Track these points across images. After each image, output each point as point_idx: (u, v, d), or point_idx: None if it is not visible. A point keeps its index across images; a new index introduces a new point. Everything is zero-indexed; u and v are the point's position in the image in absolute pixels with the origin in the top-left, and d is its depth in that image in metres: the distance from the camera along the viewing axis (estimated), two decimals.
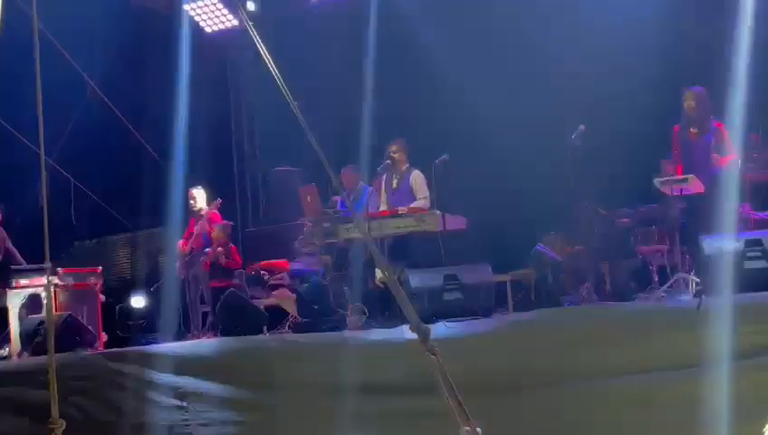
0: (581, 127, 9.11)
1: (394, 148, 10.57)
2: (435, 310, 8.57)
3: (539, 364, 7.76)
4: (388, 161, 10.52)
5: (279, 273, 13.33)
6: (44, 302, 10.87)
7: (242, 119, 17.34)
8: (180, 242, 12.34)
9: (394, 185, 10.59)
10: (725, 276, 7.84)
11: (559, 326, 7.88)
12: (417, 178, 10.45)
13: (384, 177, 10.67)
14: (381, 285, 9.97)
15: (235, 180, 17.28)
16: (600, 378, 7.56)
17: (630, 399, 7.40)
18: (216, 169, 16.16)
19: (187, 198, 12.74)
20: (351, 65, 15.11)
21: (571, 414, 7.54)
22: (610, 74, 12.12)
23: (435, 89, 13.82)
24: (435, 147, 10.70)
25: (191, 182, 14.31)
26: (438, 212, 9.70)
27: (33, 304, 11.03)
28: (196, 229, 12.01)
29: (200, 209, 12.22)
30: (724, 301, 7.52)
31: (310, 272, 12.03)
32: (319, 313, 9.34)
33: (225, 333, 9.66)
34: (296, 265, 13.10)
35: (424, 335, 4.37)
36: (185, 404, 8.72)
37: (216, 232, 11.99)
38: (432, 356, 4.33)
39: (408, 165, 10.58)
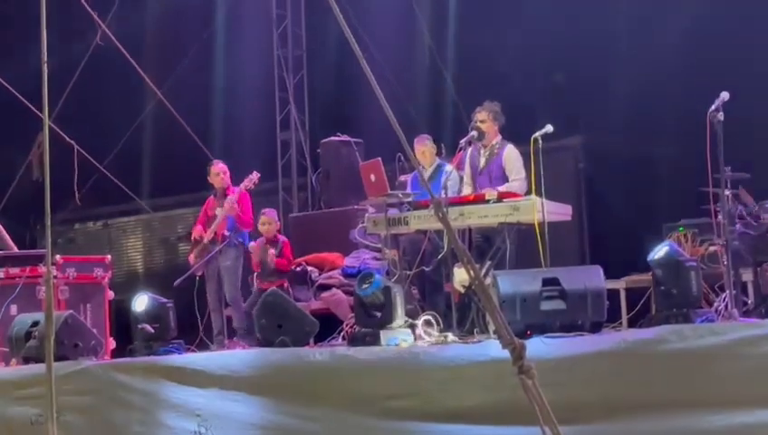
0: (724, 94, 8.97)
1: (482, 116, 10.52)
2: (530, 322, 8.52)
3: (656, 395, 7.73)
4: (474, 133, 10.47)
5: (330, 270, 13.40)
6: (41, 297, 11.03)
7: (288, 78, 17.40)
8: (196, 228, 12.33)
9: (482, 163, 10.55)
10: None
11: (686, 349, 7.81)
12: (511, 154, 10.40)
13: (469, 152, 10.63)
14: (461, 290, 9.97)
15: (278, 153, 17.38)
16: (734, 412, 7.52)
17: None
18: (255, 138, 16.29)
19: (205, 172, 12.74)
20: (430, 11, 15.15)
21: None
22: (761, 27, 12.01)
23: (534, 41, 13.78)
24: (535, 116, 10.66)
25: (220, 154, 14.43)
26: (537, 198, 9.64)
27: (25, 299, 11.20)
28: (218, 213, 12.00)
29: (224, 188, 12.18)
30: None
31: (370, 270, 12.04)
32: (381, 321, 9.34)
33: (264, 342, 9.71)
34: (352, 261, 13.16)
35: (517, 353, 4.35)
36: (202, 430, 8.83)
37: (265, 225, 12.03)
38: (527, 380, 4.30)
39: (500, 138, 10.52)
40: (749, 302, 10.30)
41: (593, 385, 7.83)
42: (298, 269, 13.20)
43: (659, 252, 9.08)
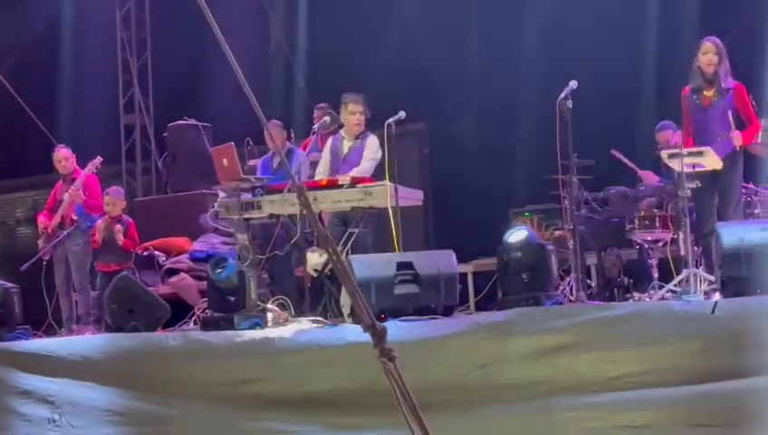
0: (573, 83, 9.14)
1: (361, 108, 10.40)
2: (384, 306, 8.59)
3: (509, 376, 7.83)
4: (327, 118, 10.52)
5: (178, 255, 13.24)
6: None
7: (131, 60, 17.11)
8: (42, 214, 12.09)
9: (344, 151, 10.48)
10: (747, 274, 7.96)
11: (537, 330, 7.95)
12: (372, 142, 10.34)
13: (330, 141, 10.60)
14: (314, 274, 9.95)
15: (122, 137, 17.10)
16: (585, 395, 7.66)
17: (620, 422, 7.50)
18: (99, 121, 16.00)
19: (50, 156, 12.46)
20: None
21: None
22: (610, 19, 12.23)
23: (386, 29, 13.83)
24: (386, 103, 10.67)
25: (61, 138, 14.13)
26: (390, 183, 9.66)
27: None
28: (65, 197, 11.76)
29: (71, 173, 11.96)
30: (745, 303, 7.65)
31: (216, 254, 11.97)
32: (235, 306, 9.28)
33: (115, 327, 9.57)
34: (200, 246, 13.03)
35: (379, 336, 4.32)
36: (56, 417, 8.66)
37: (111, 201, 11.75)
38: (388, 362, 4.27)
39: (364, 128, 10.47)
40: (593, 285, 10.53)
41: (448, 368, 7.91)
42: (145, 254, 13.00)
43: (517, 235, 9.19)
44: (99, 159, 12.02)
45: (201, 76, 14.82)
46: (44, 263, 11.72)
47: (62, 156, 12.09)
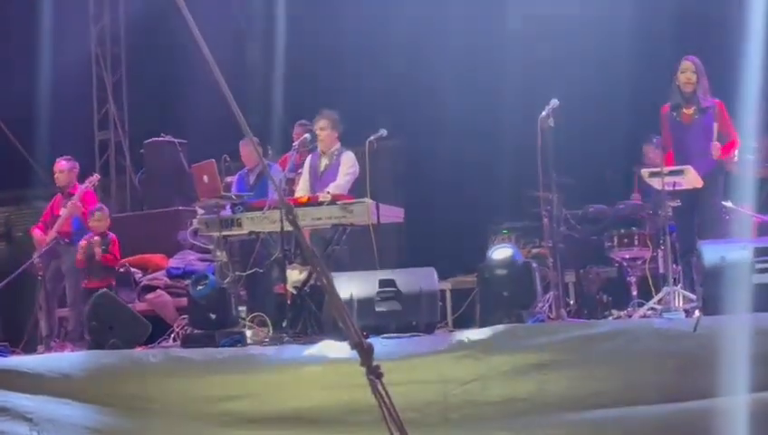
0: (554, 101, 9.17)
1: (322, 123, 10.47)
2: (365, 323, 8.56)
3: (492, 393, 7.84)
4: (307, 135, 10.57)
5: (154, 271, 13.19)
6: None
7: (106, 77, 17.07)
8: (38, 227, 12.01)
9: (321, 169, 10.52)
10: (729, 292, 7.99)
11: (519, 348, 7.94)
12: (347, 158, 10.40)
13: (309, 158, 10.62)
14: (293, 291, 9.95)
15: (96, 153, 17.05)
16: (567, 412, 7.68)
17: None
18: (74, 137, 15.93)
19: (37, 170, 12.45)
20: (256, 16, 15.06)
21: None
22: (590, 39, 12.28)
23: (362, 45, 13.83)
24: (367, 121, 10.69)
25: (34, 153, 14.06)
26: (370, 201, 9.67)
27: None
28: (62, 212, 11.70)
29: (67, 186, 11.91)
30: (727, 322, 7.68)
31: (193, 271, 11.95)
32: (216, 323, 9.27)
33: (95, 344, 9.52)
34: (177, 263, 12.98)
35: (366, 353, 4.32)
36: (35, 434, 8.61)
37: (96, 219, 11.70)
38: (375, 380, 4.27)
39: (338, 145, 10.52)
40: (571, 303, 10.55)
41: (431, 385, 7.89)
42: (121, 270, 12.92)
43: (501, 253, 9.19)
44: (96, 177, 12.17)
45: (177, 92, 14.79)
46: (40, 278, 11.64)
47: (58, 168, 12.11)
